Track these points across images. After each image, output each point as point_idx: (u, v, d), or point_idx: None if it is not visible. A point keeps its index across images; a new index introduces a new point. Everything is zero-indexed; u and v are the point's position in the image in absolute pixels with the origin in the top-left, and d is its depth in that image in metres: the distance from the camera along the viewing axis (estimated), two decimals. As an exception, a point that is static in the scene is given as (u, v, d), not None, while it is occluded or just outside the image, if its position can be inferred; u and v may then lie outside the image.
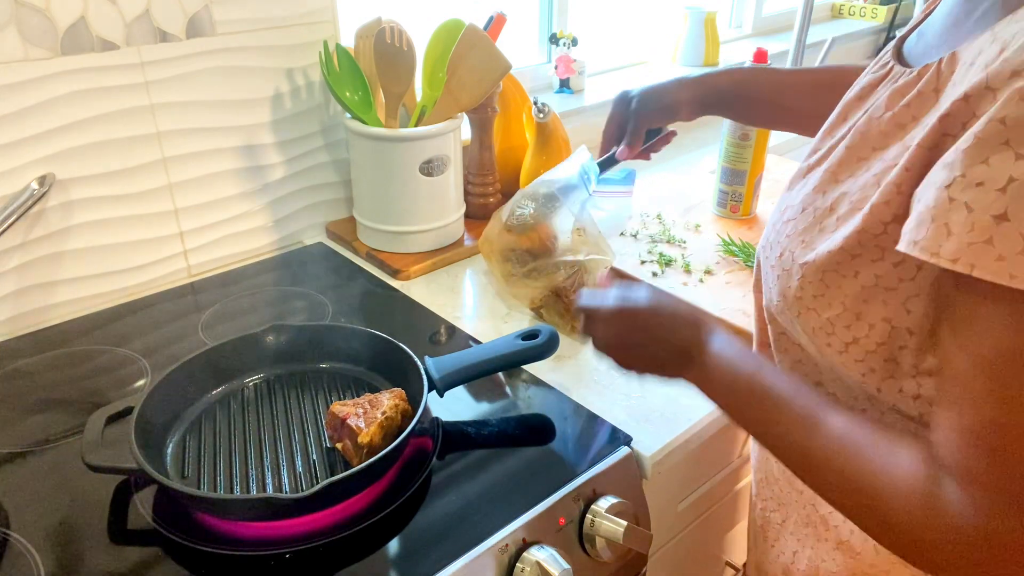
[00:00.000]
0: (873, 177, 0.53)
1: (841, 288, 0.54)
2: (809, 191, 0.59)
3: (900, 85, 0.53)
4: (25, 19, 0.83)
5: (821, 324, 0.57)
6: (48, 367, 0.86)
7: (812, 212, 0.57)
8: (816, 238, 0.56)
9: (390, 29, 0.97)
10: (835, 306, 0.55)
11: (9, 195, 0.87)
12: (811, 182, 0.59)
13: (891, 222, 0.50)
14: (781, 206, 0.63)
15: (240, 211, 1.07)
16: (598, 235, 0.91)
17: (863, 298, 0.53)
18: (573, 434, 0.77)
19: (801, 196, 0.60)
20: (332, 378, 0.81)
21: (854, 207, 0.53)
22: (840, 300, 0.54)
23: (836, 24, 2.19)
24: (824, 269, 0.55)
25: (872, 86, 0.58)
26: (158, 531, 0.64)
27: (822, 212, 0.56)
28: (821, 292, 0.56)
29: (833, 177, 0.57)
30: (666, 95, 0.89)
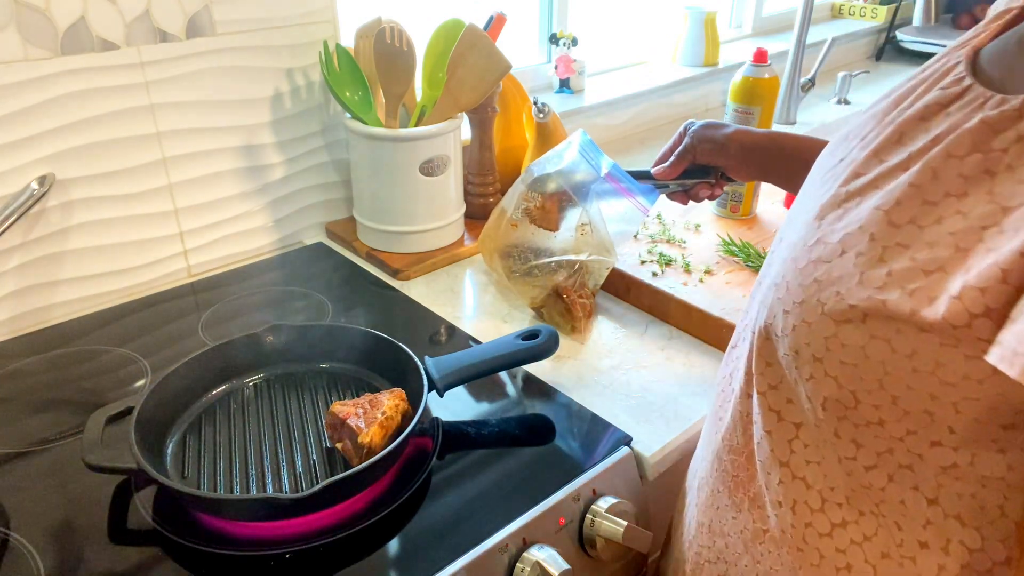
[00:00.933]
0: (950, 238, 0.42)
1: (883, 365, 0.44)
2: (854, 230, 0.47)
3: (993, 117, 0.42)
4: (25, 19, 0.83)
5: (840, 396, 0.47)
6: (48, 367, 0.86)
7: (854, 258, 0.46)
8: (856, 292, 0.45)
9: (390, 29, 0.97)
10: (867, 381, 0.45)
11: (9, 195, 0.87)
12: (855, 217, 0.48)
13: (981, 315, 0.39)
14: (806, 237, 0.51)
15: (240, 211, 1.07)
16: (604, 233, 0.90)
17: (908, 383, 0.43)
18: (573, 434, 0.77)
19: (841, 235, 0.48)
20: (332, 378, 0.81)
21: (921, 271, 0.42)
22: (876, 377, 0.44)
23: (836, 24, 2.19)
24: (870, 336, 0.44)
25: (940, 106, 0.47)
26: (158, 531, 0.64)
27: (870, 261, 0.45)
28: (854, 362, 0.45)
29: (889, 220, 0.45)
30: (721, 129, 0.86)
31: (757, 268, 0.98)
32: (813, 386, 0.49)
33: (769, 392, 0.54)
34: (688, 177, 0.90)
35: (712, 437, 0.64)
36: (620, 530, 0.68)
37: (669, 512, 0.88)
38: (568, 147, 0.93)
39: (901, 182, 0.46)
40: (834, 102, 1.86)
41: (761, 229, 1.11)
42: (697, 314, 0.91)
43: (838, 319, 0.46)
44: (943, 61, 0.50)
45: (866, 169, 0.49)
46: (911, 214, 0.44)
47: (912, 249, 0.43)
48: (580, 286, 0.92)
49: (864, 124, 0.52)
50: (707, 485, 0.64)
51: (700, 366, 0.87)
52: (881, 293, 0.43)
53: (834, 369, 0.47)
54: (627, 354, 0.89)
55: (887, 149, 0.49)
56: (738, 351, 0.61)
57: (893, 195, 0.46)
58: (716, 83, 1.77)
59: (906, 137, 0.48)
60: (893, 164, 0.47)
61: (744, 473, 0.59)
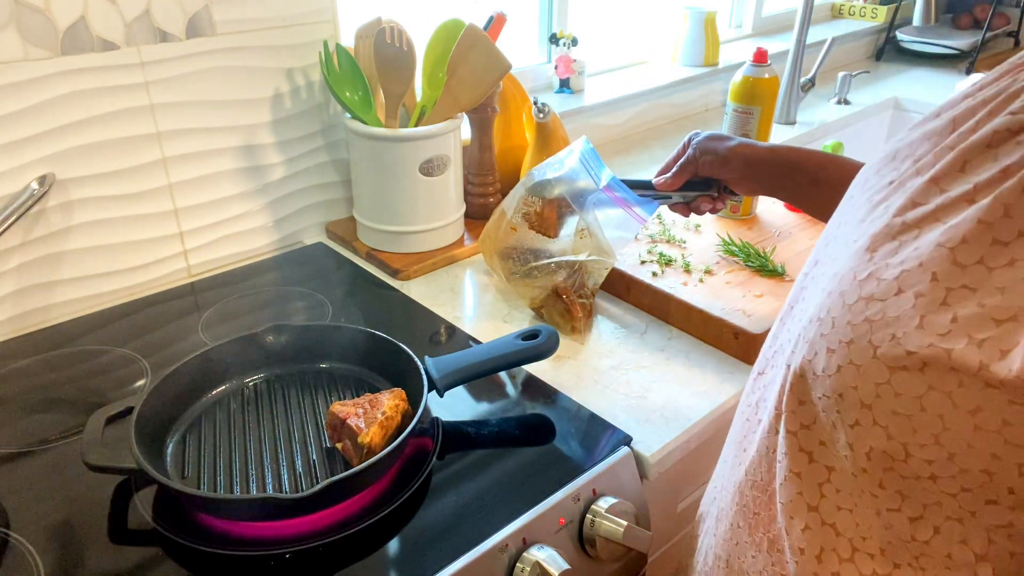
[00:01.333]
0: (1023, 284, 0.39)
1: (942, 419, 0.40)
2: (913, 267, 0.43)
3: None
4: (25, 19, 0.83)
5: (889, 448, 0.43)
6: (48, 367, 0.86)
7: (913, 299, 0.42)
8: (915, 338, 0.41)
9: (390, 29, 0.97)
10: (922, 434, 0.41)
11: (9, 195, 0.87)
12: (914, 252, 0.43)
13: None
14: (856, 270, 0.47)
15: (240, 211, 1.07)
16: (601, 236, 0.90)
17: (968, 441, 0.40)
18: (573, 434, 0.77)
19: (898, 271, 0.44)
20: (332, 378, 0.81)
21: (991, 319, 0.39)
22: (933, 432, 0.41)
23: (836, 24, 2.19)
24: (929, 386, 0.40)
25: (1011, 132, 0.42)
26: (158, 531, 0.64)
27: (931, 304, 0.41)
28: (908, 413, 0.42)
29: (954, 259, 0.41)
30: (724, 142, 0.85)
31: (757, 268, 0.98)
32: (858, 434, 0.45)
33: (801, 432, 0.50)
34: (690, 189, 0.89)
35: (734, 467, 0.60)
36: (620, 530, 0.68)
37: (669, 512, 0.88)
38: (570, 154, 0.93)
39: (968, 217, 0.41)
40: (834, 102, 1.86)
41: (761, 229, 1.11)
42: (697, 314, 0.91)
43: (892, 365, 0.42)
44: (1007, 81, 0.45)
45: (925, 198, 0.45)
46: (979, 254, 0.40)
47: (980, 293, 0.39)
48: (580, 286, 0.92)
49: (916, 144, 0.48)
50: (727, 517, 0.61)
51: (700, 366, 0.87)
52: (945, 341, 0.39)
53: (884, 418, 0.43)
54: (627, 354, 0.89)
55: (948, 177, 0.44)
56: (767, 379, 0.57)
57: (959, 231, 0.41)
58: (716, 83, 1.77)
59: (970, 166, 0.43)
60: (956, 195, 0.43)
61: (765, 512, 0.56)
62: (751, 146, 0.85)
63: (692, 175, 0.88)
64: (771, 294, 0.93)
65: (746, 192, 0.89)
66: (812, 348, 0.48)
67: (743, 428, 0.60)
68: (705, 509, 0.68)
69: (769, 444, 0.54)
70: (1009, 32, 2.30)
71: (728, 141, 0.85)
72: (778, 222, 1.13)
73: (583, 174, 0.90)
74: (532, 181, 0.93)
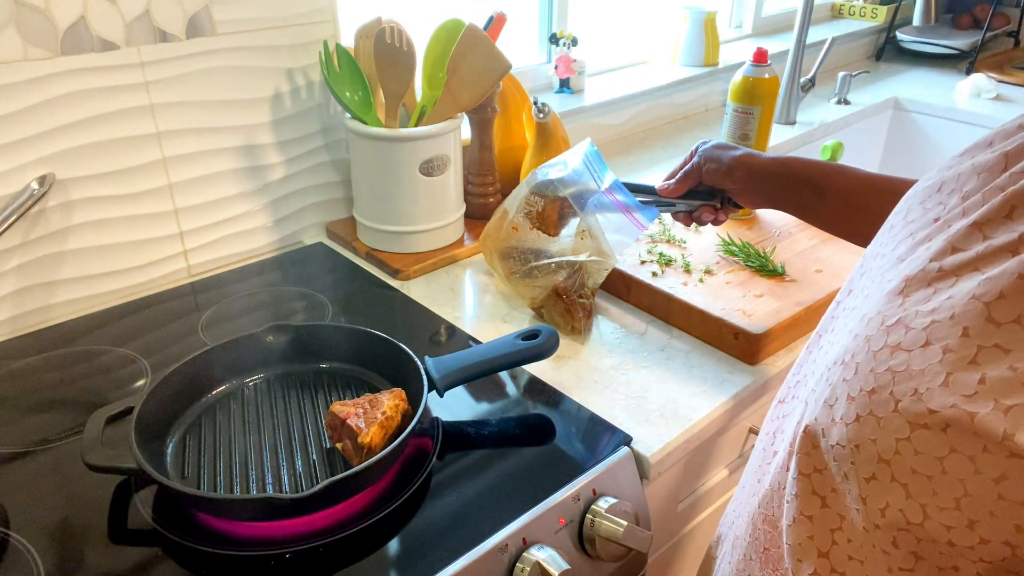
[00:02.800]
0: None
1: (963, 484, 0.38)
2: (944, 319, 0.40)
3: None
4: (25, 19, 0.83)
5: (906, 507, 0.41)
6: (48, 367, 0.86)
7: (941, 353, 0.39)
8: (939, 396, 0.38)
9: (390, 29, 0.97)
10: (942, 497, 0.39)
11: (9, 195, 0.87)
12: (947, 303, 0.40)
13: None
14: (885, 314, 0.44)
15: (240, 211, 1.07)
16: (602, 238, 0.90)
17: (991, 510, 0.37)
18: (573, 434, 0.77)
19: (928, 321, 0.41)
20: (332, 378, 0.81)
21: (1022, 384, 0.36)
22: (953, 496, 0.38)
23: (836, 24, 2.19)
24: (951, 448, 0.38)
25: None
26: (158, 531, 0.64)
27: (959, 361, 0.38)
28: (928, 473, 0.39)
29: (988, 316, 0.38)
30: (729, 151, 0.82)
31: (757, 268, 0.98)
32: (874, 488, 0.42)
33: (815, 475, 0.48)
34: (693, 198, 0.88)
35: (751, 496, 0.59)
36: (620, 530, 0.68)
37: (669, 512, 0.88)
38: (574, 155, 0.93)
39: (1008, 270, 0.38)
40: (834, 102, 1.86)
41: (761, 229, 1.11)
42: (697, 314, 0.91)
43: (914, 422, 0.39)
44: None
45: (966, 244, 0.41)
46: (1017, 311, 0.37)
47: (1013, 355, 0.36)
48: (580, 286, 0.92)
49: (964, 178, 0.45)
50: (741, 546, 0.59)
51: (700, 366, 0.87)
52: (970, 404, 0.37)
53: (903, 476, 0.40)
54: (627, 354, 0.89)
55: (993, 224, 0.41)
56: (787, 409, 0.55)
57: (997, 285, 0.38)
58: (716, 83, 1.77)
59: (1018, 212, 0.40)
60: (999, 244, 0.39)
61: (775, 550, 0.54)
62: (755, 157, 0.83)
63: (696, 183, 0.86)
64: (771, 294, 0.93)
65: (749, 204, 0.87)
66: (833, 392, 0.46)
67: (760, 457, 0.59)
68: (723, 532, 0.67)
69: (780, 480, 0.52)
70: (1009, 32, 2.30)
71: (733, 151, 0.83)
72: (778, 222, 1.13)
73: (586, 175, 0.90)
74: (535, 181, 0.93)
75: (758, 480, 0.58)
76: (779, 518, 0.53)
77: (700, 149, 0.86)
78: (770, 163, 0.82)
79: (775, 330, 0.87)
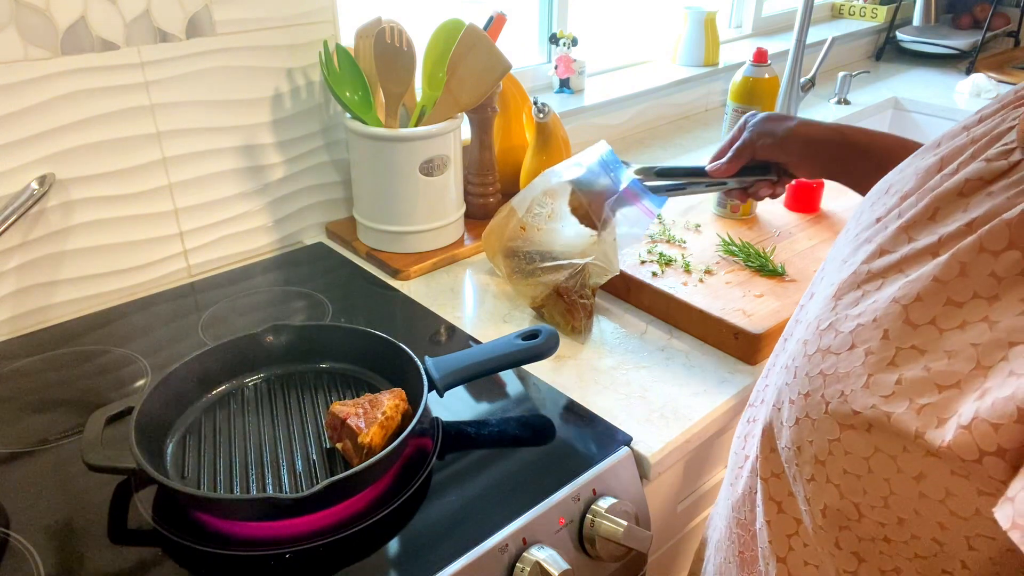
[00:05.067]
0: (972, 350, 0.36)
1: (888, 483, 0.39)
2: (868, 323, 0.41)
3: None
4: (25, 19, 0.83)
5: (842, 507, 0.42)
6: (48, 367, 0.86)
7: (863, 356, 0.40)
8: (861, 398, 0.39)
9: (390, 29, 0.97)
10: (871, 496, 0.40)
11: (9, 195, 0.87)
12: (872, 306, 0.41)
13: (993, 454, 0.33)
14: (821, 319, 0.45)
15: (240, 211, 1.07)
16: (611, 243, 0.90)
17: (915, 508, 0.38)
18: (573, 434, 0.77)
19: (855, 325, 0.42)
20: (332, 378, 0.81)
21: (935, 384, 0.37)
22: (881, 495, 0.39)
23: (836, 24, 2.19)
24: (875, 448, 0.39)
25: (983, 181, 0.39)
26: (158, 531, 0.64)
27: (879, 363, 0.39)
28: (858, 473, 0.40)
29: (907, 318, 0.39)
30: (782, 123, 0.77)
31: (757, 268, 0.98)
32: (814, 489, 0.43)
33: (771, 480, 0.49)
34: (747, 174, 0.83)
35: (726, 500, 0.60)
36: (620, 530, 0.68)
37: (669, 512, 0.88)
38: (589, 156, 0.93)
39: (926, 272, 0.39)
40: (834, 102, 1.86)
41: (761, 229, 1.11)
42: (697, 314, 0.91)
43: (842, 423, 0.40)
44: (997, 119, 0.42)
45: (894, 247, 0.42)
46: (932, 313, 0.38)
47: (928, 356, 0.37)
48: (581, 286, 0.92)
49: (906, 180, 0.45)
50: (722, 550, 0.60)
51: (700, 366, 0.87)
52: (887, 404, 0.38)
53: (836, 476, 0.41)
54: (627, 354, 0.89)
55: (919, 226, 0.41)
56: (754, 414, 0.56)
57: (915, 288, 0.39)
58: (716, 83, 1.77)
59: (941, 214, 0.40)
60: (922, 246, 0.40)
61: (749, 552, 0.54)
62: (812, 126, 0.78)
63: (749, 160, 0.81)
64: (771, 294, 0.93)
65: (807, 175, 0.82)
66: (780, 396, 0.47)
67: (733, 461, 0.59)
68: (708, 534, 0.67)
69: (752, 484, 0.53)
70: (1009, 32, 2.30)
71: (788, 122, 0.79)
72: (778, 222, 1.13)
73: (603, 176, 0.90)
74: (549, 183, 0.93)
75: (732, 485, 0.58)
76: (751, 522, 0.53)
77: (750, 123, 0.81)
78: (828, 132, 0.77)
79: (775, 330, 0.87)
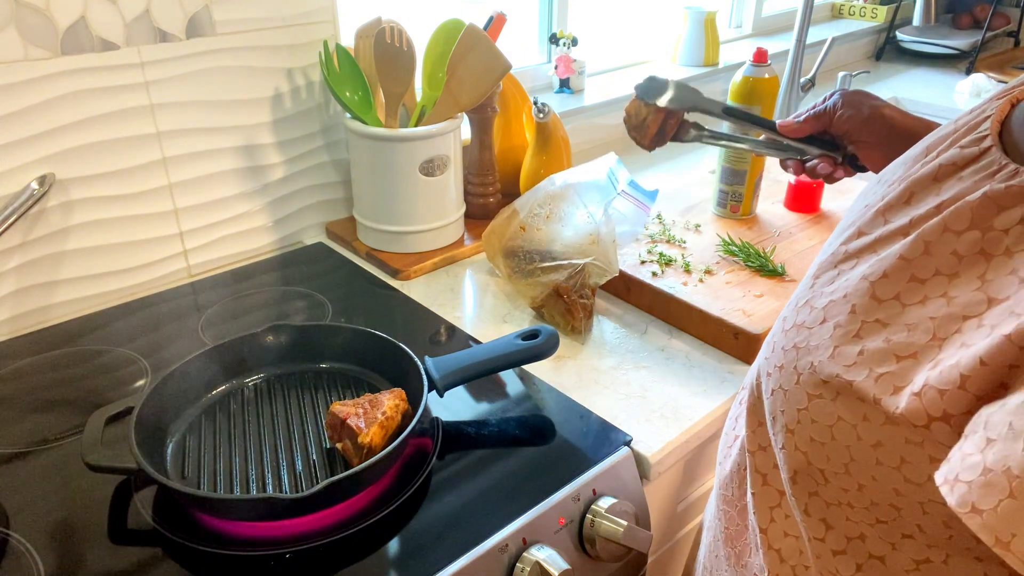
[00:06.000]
0: (929, 322, 0.37)
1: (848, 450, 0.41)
2: (839, 298, 0.43)
3: (998, 192, 0.37)
4: (25, 19, 0.83)
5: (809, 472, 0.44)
6: (48, 367, 0.86)
7: (832, 329, 0.42)
8: (827, 367, 0.41)
9: (390, 29, 0.97)
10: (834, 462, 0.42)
11: (9, 195, 0.87)
12: (844, 284, 0.43)
13: (939, 419, 0.35)
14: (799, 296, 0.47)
15: (240, 211, 1.07)
16: (611, 244, 0.91)
17: (872, 474, 0.40)
18: (573, 434, 0.77)
19: (827, 301, 0.44)
20: (332, 378, 0.81)
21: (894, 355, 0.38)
22: (843, 461, 0.41)
23: (836, 24, 2.19)
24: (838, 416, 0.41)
25: (955, 167, 0.41)
26: (158, 531, 0.64)
27: (845, 336, 0.41)
28: (822, 440, 0.42)
29: (873, 294, 0.41)
30: (870, 99, 0.71)
31: (757, 268, 0.98)
32: (785, 456, 0.46)
33: (758, 453, 0.51)
34: (815, 145, 0.76)
35: (716, 479, 0.61)
36: (620, 530, 0.68)
37: (669, 512, 0.88)
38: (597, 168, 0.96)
39: (893, 252, 0.41)
40: (834, 102, 1.85)
41: (761, 229, 1.11)
42: (697, 314, 0.91)
43: (811, 392, 0.42)
44: (978, 110, 0.43)
45: (870, 228, 0.44)
46: (897, 289, 0.40)
47: (890, 329, 0.39)
48: (581, 286, 0.92)
49: (895, 168, 0.47)
50: (712, 528, 0.61)
51: (700, 366, 0.87)
52: (849, 372, 0.40)
53: (804, 444, 0.43)
54: (627, 354, 0.89)
55: (895, 208, 0.43)
56: (744, 395, 0.57)
57: (882, 266, 0.41)
58: (716, 83, 1.77)
59: (915, 198, 0.42)
60: (895, 228, 0.42)
61: (734, 527, 0.55)
62: (902, 113, 0.71)
63: (823, 129, 0.75)
64: (771, 294, 0.93)
65: (876, 166, 0.73)
66: (761, 371, 0.50)
67: (725, 440, 0.60)
68: (705, 518, 0.68)
69: (741, 461, 0.54)
70: (1009, 32, 2.30)
71: (875, 100, 0.72)
72: (778, 222, 1.13)
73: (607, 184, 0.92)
74: (554, 187, 0.94)
75: (719, 463, 0.60)
76: (738, 498, 0.55)
77: (838, 92, 0.75)
78: (915, 124, 0.70)
79: (775, 330, 0.87)
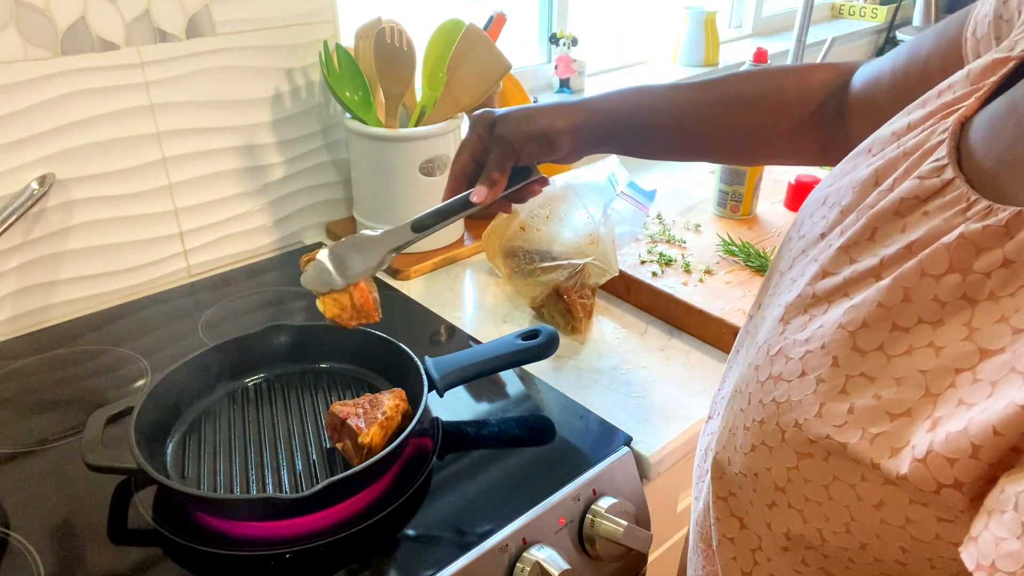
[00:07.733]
0: (919, 376, 0.35)
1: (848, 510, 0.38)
2: (816, 349, 0.40)
3: (975, 232, 0.35)
4: (25, 19, 0.83)
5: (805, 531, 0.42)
6: (48, 367, 0.86)
7: (815, 384, 0.40)
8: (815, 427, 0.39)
9: (390, 29, 0.97)
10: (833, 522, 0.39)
11: (9, 195, 0.87)
12: (819, 331, 0.41)
13: (950, 486, 0.33)
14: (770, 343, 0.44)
15: (240, 211, 1.07)
16: (610, 244, 0.91)
17: (876, 533, 0.38)
18: (573, 434, 0.77)
19: (803, 351, 0.41)
20: (332, 378, 0.81)
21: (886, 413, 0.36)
22: (843, 521, 0.39)
23: (836, 24, 2.19)
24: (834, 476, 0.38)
25: (918, 200, 0.39)
26: (158, 531, 0.64)
27: (831, 392, 0.39)
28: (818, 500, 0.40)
29: (854, 345, 0.38)
30: (540, 119, 0.65)
31: (757, 268, 0.98)
32: (776, 515, 0.43)
33: (730, 498, 0.48)
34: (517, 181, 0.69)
35: (693, 513, 0.59)
36: (620, 530, 0.68)
37: (669, 512, 0.88)
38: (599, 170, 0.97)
39: (869, 298, 0.39)
40: (834, 102, 1.85)
41: (761, 229, 1.11)
42: (697, 314, 0.91)
43: (800, 451, 0.40)
44: (927, 131, 0.41)
45: (836, 268, 0.42)
46: (879, 340, 0.38)
47: (877, 384, 0.37)
48: (581, 286, 0.92)
49: (843, 192, 0.45)
50: (694, 561, 0.59)
51: (700, 366, 0.87)
52: (840, 434, 0.37)
53: (798, 502, 0.41)
54: (627, 354, 0.89)
55: (858, 246, 0.41)
56: (712, 427, 0.54)
57: (860, 313, 0.39)
58: (716, 83, 1.77)
59: (879, 234, 0.40)
60: (864, 269, 0.40)
61: (711, 567, 0.54)
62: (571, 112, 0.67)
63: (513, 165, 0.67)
64: (771, 294, 0.93)
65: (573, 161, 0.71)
66: (734, 421, 0.47)
67: (696, 474, 0.58)
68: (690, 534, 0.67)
69: (708, 501, 0.52)
70: (1009, 32, 2.29)
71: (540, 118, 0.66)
72: (778, 222, 1.13)
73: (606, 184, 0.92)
74: (554, 187, 0.94)
75: (695, 497, 0.58)
76: (712, 537, 0.53)
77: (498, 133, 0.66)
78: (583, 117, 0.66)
79: (775, 330, 0.87)
